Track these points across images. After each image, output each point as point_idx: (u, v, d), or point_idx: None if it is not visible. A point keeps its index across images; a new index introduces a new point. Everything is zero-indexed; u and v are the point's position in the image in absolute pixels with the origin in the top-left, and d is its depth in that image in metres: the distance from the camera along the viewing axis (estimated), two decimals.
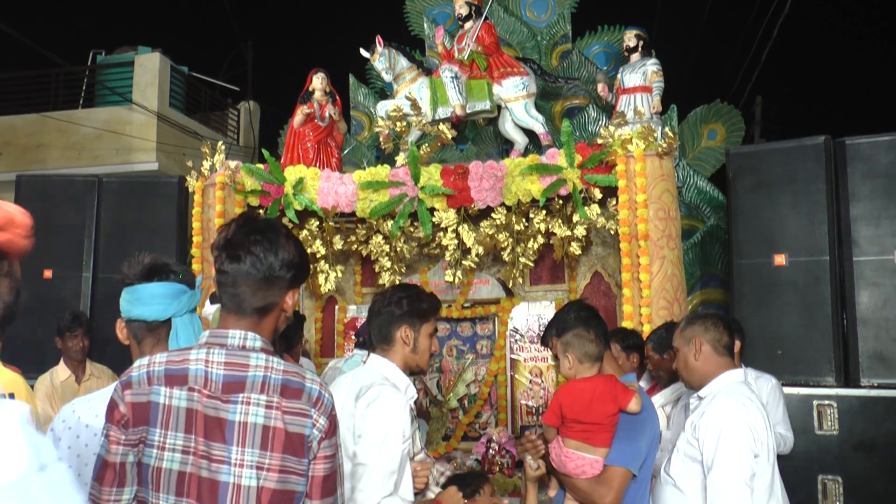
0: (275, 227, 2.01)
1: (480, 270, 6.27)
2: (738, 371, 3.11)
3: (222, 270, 1.96)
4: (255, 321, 1.98)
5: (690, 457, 2.95)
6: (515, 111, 6.42)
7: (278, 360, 1.95)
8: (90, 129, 10.45)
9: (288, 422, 1.87)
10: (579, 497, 2.94)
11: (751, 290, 5.05)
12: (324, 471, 1.91)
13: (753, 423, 2.87)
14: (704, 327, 3.12)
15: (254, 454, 1.84)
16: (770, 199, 5.10)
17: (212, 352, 1.92)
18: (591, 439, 2.91)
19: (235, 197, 5.79)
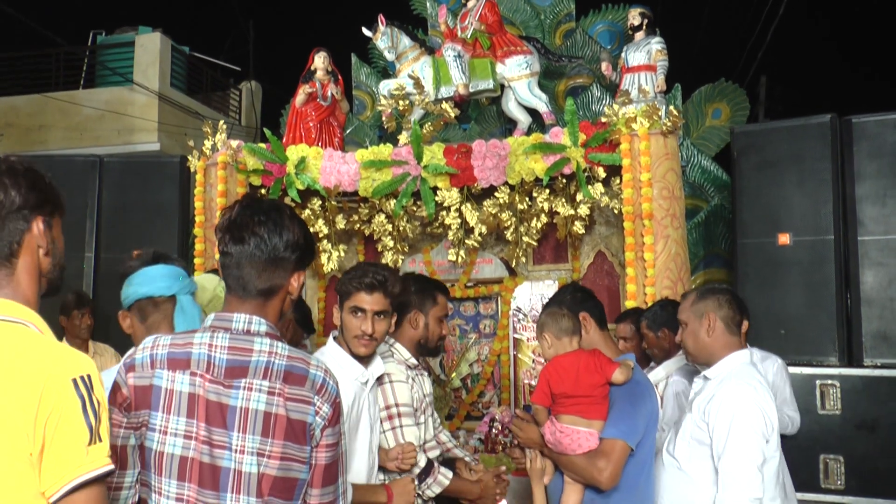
0: (279, 208, 1.99)
1: (483, 250, 6.26)
2: (745, 352, 3.05)
3: (226, 252, 1.95)
4: (260, 304, 1.96)
5: (698, 440, 2.91)
6: (519, 90, 6.38)
7: (283, 346, 1.92)
8: (91, 110, 10.43)
9: (290, 409, 1.85)
10: (577, 475, 2.92)
11: (755, 269, 5.04)
12: (326, 459, 1.90)
13: (765, 407, 2.83)
14: (718, 303, 3.04)
15: (255, 441, 1.83)
16: (775, 178, 5.07)
17: (216, 335, 1.90)
18: (583, 412, 2.90)
19: (237, 176, 5.77)
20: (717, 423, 2.83)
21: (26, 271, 1.64)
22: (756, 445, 2.77)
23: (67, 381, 1.49)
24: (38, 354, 1.52)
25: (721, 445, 2.80)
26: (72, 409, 1.48)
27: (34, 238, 1.66)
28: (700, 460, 2.89)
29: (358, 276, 2.87)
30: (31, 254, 1.65)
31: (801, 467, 4.52)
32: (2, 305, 1.58)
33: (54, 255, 1.72)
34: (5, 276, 1.61)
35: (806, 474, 4.67)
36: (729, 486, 2.74)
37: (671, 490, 2.98)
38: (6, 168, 1.63)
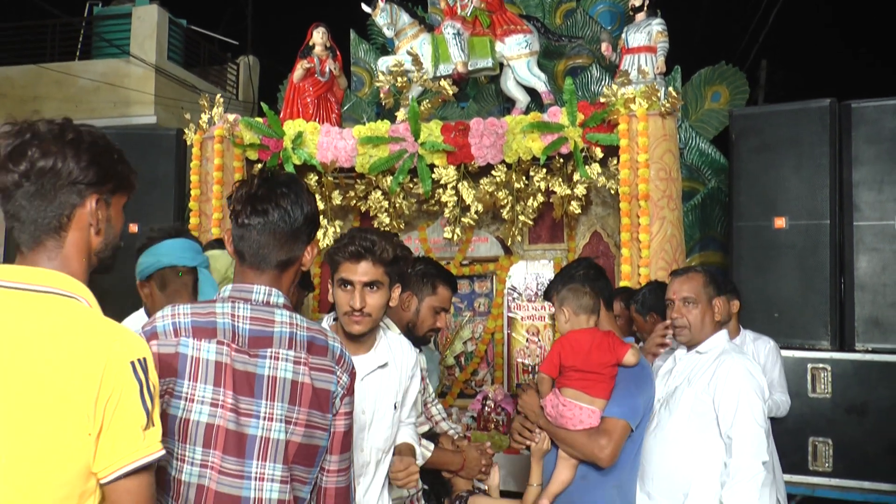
0: (297, 181, 2.05)
1: (479, 228, 6.26)
2: (724, 331, 3.19)
3: (246, 224, 1.95)
4: (276, 276, 1.98)
5: (699, 413, 2.96)
6: (518, 69, 6.35)
7: (301, 317, 1.97)
8: (87, 82, 10.36)
9: (315, 377, 1.91)
10: (576, 451, 2.94)
11: (750, 252, 5.04)
12: (344, 426, 1.99)
13: (761, 378, 2.99)
14: (719, 287, 3.19)
15: (283, 408, 1.87)
16: (772, 161, 5.07)
17: (237, 306, 1.92)
18: (588, 388, 2.92)
19: (234, 150, 5.76)
20: (726, 394, 2.92)
21: (75, 247, 1.60)
22: (762, 413, 2.89)
23: (127, 364, 1.49)
24: (97, 333, 1.50)
25: (731, 414, 2.88)
26: (131, 392, 1.48)
27: (86, 214, 1.60)
28: (701, 431, 2.96)
29: (343, 245, 2.56)
30: (82, 230, 1.61)
31: (789, 450, 4.56)
32: (53, 277, 1.55)
33: (107, 235, 1.68)
34: (54, 248, 1.58)
35: (795, 457, 4.72)
36: (742, 452, 2.83)
37: (668, 462, 3.01)
38: (72, 138, 1.58)
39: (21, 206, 1.55)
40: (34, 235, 1.57)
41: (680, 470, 2.98)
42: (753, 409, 2.88)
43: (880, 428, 4.73)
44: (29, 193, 1.54)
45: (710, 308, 3.11)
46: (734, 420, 2.87)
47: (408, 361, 2.80)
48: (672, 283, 3.22)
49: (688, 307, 3.11)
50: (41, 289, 1.53)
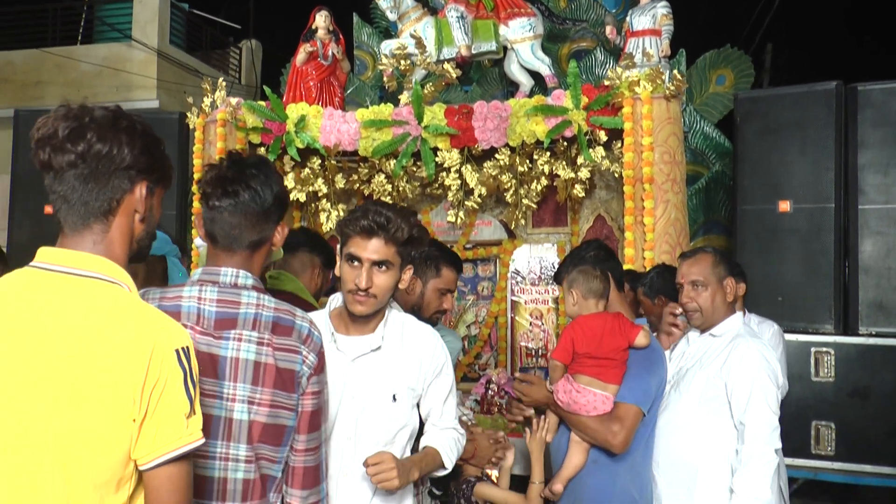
0: (266, 161, 2.10)
1: (483, 212, 6.25)
2: (739, 314, 3.12)
3: (217, 206, 1.98)
4: (248, 256, 2.02)
5: (710, 397, 2.93)
6: (522, 53, 6.31)
7: (269, 298, 2.00)
8: (89, 66, 10.33)
9: (279, 358, 1.93)
10: (589, 436, 2.93)
11: (754, 236, 5.04)
12: (311, 406, 1.99)
13: (775, 363, 2.94)
14: (732, 268, 3.11)
15: (245, 389, 1.90)
16: (777, 144, 5.05)
17: (204, 289, 1.96)
18: (602, 374, 2.91)
19: (237, 134, 5.74)
20: (740, 380, 2.87)
21: (120, 232, 1.63)
22: (776, 399, 2.86)
23: (172, 352, 1.51)
24: (143, 320, 1.53)
25: (744, 400, 2.84)
26: (176, 379, 1.51)
27: (134, 201, 1.64)
28: (712, 416, 2.92)
29: (355, 218, 2.37)
30: (128, 216, 1.64)
31: (792, 433, 4.54)
32: (99, 263, 1.57)
33: (149, 223, 1.72)
34: (100, 231, 1.60)
35: (798, 441, 4.72)
36: (755, 439, 2.80)
37: (677, 447, 2.99)
38: (126, 125, 1.61)
39: (73, 188, 1.57)
40: (83, 217, 1.58)
41: (689, 455, 2.95)
42: (767, 396, 2.83)
43: (883, 411, 4.73)
44: (83, 175, 1.57)
45: (720, 289, 3.04)
46: (747, 406, 2.83)
47: (427, 353, 2.51)
48: (681, 266, 3.15)
49: (697, 290, 3.04)
50: (87, 273, 1.55)
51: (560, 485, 2.93)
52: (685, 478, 2.95)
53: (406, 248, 2.42)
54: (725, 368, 2.92)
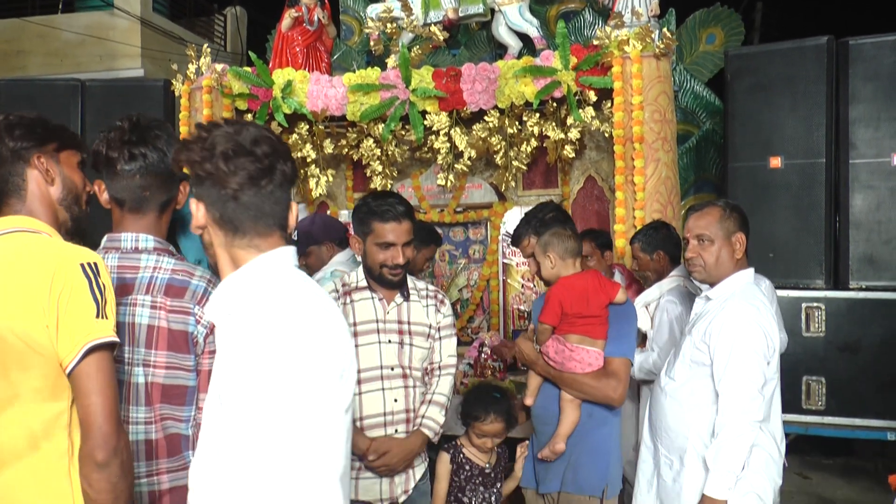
0: (164, 123, 2.17)
1: (473, 175, 6.22)
2: (749, 271, 2.97)
3: (125, 170, 2.03)
4: (156, 218, 2.08)
5: (698, 362, 2.87)
6: (509, 14, 6.25)
7: (168, 260, 2.05)
8: (72, 35, 10.20)
9: (171, 320, 1.99)
10: (587, 394, 2.94)
11: (744, 192, 5.03)
12: (210, 365, 1.99)
13: (767, 328, 2.77)
14: (743, 220, 2.94)
15: (140, 353, 1.97)
16: (768, 101, 5.03)
17: (107, 257, 2.02)
18: (591, 332, 2.94)
19: (223, 101, 5.67)
20: (719, 344, 2.78)
21: (37, 199, 1.95)
22: (757, 367, 2.72)
23: (76, 265, 1.74)
24: (50, 248, 1.80)
25: (722, 367, 2.75)
26: (80, 286, 1.72)
27: (35, 171, 1.95)
28: (699, 381, 2.87)
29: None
30: (38, 184, 1.95)
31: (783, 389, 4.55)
32: (18, 220, 1.90)
33: (64, 185, 2.00)
34: (18, 201, 1.93)
35: (789, 396, 4.74)
36: (729, 409, 2.70)
37: (670, 413, 2.97)
38: (3, 126, 1.93)
39: None
40: (6, 195, 1.94)
41: (680, 423, 2.92)
42: (747, 363, 2.71)
43: (873, 366, 4.77)
44: None
45: (727, 244, 2.90)
46: (724, 374, 2.74)
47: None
48: (688, 219, 3.03)
49: (703, 244, 2.92)
50: (9, 230, 1.86)
51: (562, 443, 2.95)
52: (677, 446, 2.93)
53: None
54: (708, 332, 2.84)
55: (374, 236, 2.87)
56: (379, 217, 2.86)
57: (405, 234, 2.88)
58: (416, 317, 3.03)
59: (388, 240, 2.86)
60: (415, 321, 3.03)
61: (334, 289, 2.99)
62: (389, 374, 2.94)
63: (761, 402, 2.73)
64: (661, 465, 3.02)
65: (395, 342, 2.97)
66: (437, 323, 3.08)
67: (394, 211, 2.85)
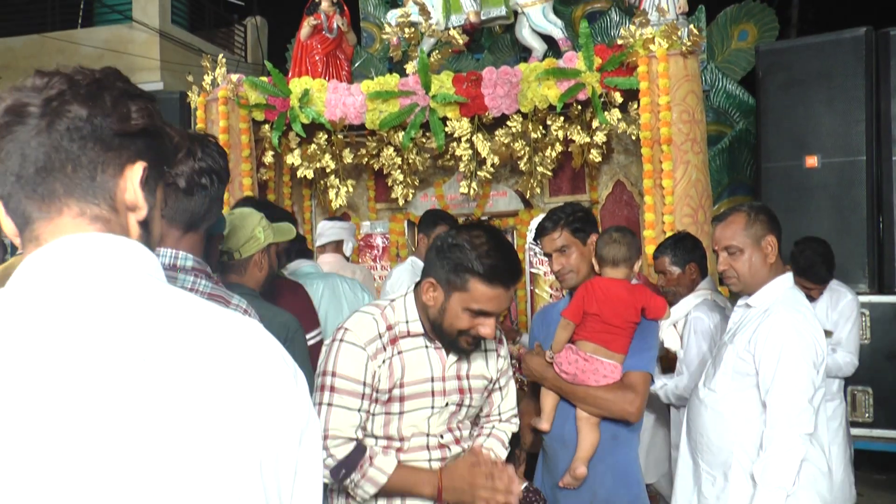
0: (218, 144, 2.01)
1: (497, 182, 6.06)
2: (788, 276, 2.78)
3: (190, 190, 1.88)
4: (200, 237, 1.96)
5: (742, 373, 2.69)
6: (533, 16, 6.10)
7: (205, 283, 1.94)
8: (91, 49, 10.22)
9: None
10: (601, 409, 2.72)
11: (780, 194, 4.82)
12: None
13: (815, 335, 2.61)
14: (772, 223, 2.75)
15: None
16: (802, 97, 4.82)
17: None
18: (609, 343, 2.73)
19: (239, 112, 5.58)
20: (765, 354, 2.61)
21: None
22: (806, 376, 2.55)
23: None
24: None
25: (769, 377, 2.59)
26: None
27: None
28: (744, 392, 2.69)
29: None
30: None
31: None
32: None
33: None
34: None
35: None
36: (778, 421, 2.54)
37: (712, 426, 2.79)
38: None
39: None
40: None
41: (723, 437, 2.74)
42: (795, 373, 2.55)
43: None
44: None
45: (757, 250, 2.72)
46: (771, 385, 2.57)
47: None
48: (714, 230, 2.87)
49: (733, 256, 2.75)
50: None
51: (583, 467, 2.73)
52: (720, 461, 2.75)
53: None
54: (753, 341, 2.67)
55: (468, 299, 2.04)
56: (484, 278, 2.02)
57: (506, 301, 2.09)
58: (476, 368, 2.27)
59: (487, 309, 2.05)
60: (475, 374, 2.26)
61: (376, 333, 2.13)
62: (438, 443, 2.20)
63: (811, 414, 2.56)
64: (703, 481, 2.84)
65: (453, 404, 2.21)
66: (497, 371, 2.34)
67: (505, 273, 2.04)
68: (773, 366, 2.58)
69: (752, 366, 2.66)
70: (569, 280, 2.89)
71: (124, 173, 1.01)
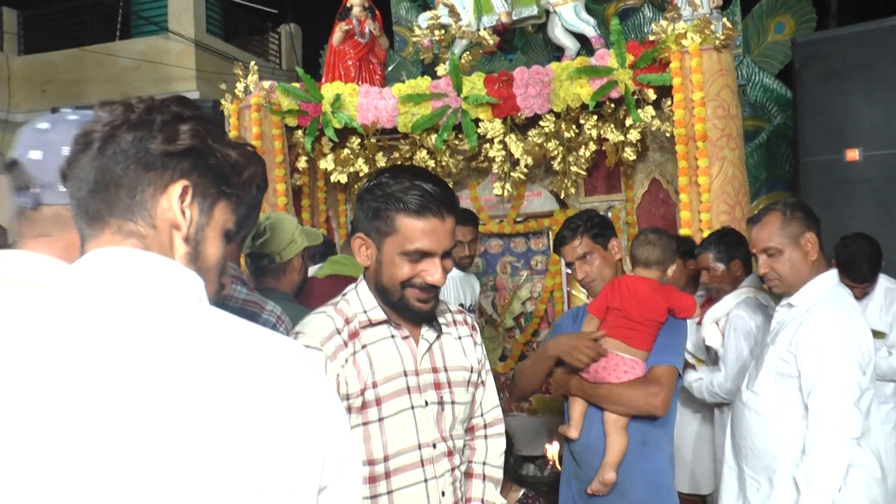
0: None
1: (532, 183, 6.01)
2: (832, 273, 2.70)
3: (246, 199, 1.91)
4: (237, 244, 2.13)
5: (784, 374, 2.62)
6: (564, 15, 6.04)
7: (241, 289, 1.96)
8: (128, 61, 10.38)
9: None
10: (626, 406, 2.67)
11: (819, 189, 4.70)
12: None
13: (862, 334, 2.52)
14: (811, 220, 2.68)
15: None
16: (841, 89, 4.69)
17: None
18: (629, 338, 2.71)
19: (272, 118, 5.62)
20: (806, 354, 2.54)
21: None
22: (851, 377, 2.47)
23: None
24: None
25: (811, 379, 2.51)
26: None
27: None
28: (787, 395, 2.62)
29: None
30: None
31: None
32: None
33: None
34: None
35: None
36: (821, 425, 2.46)
37: (755, 430, 2.72)
38: None
39: None
40: None
41: (768, 441, 2.68)
42: (839, 374, 2.46)
43: None
44: None
45: (797, 248, 2.65)
46: (814, 387, 2.49)
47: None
48: (750, 232, 2.81)
49: (772, 257, 2.69)
50: None
51: (612, 472, 2.68)
52: (764, 466, 2.68)
53: None
54: (794, 342, 2.59)
55: (400, 239, 1.81)
56: (409, 209, 1.79)
57: (448, 237, 1.84)
58: (452, 358, 2.02)
59: (423, 246, 1.81)
60: (452, 365, 2.01)
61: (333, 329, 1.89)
62: (432, 456, 1.92)
63: (858, 417, 2.47)
64: (748, 487, 2.77)
65: (433, 403, 1.95)
66: (478, 360, 2.10)
67: (434, 200, 1.80)
68: (815, 367, 2.51)
69: (795, 367, 2.59)
70: (595, 288, 2.87)
71: (167, 192, 1.05)
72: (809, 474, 2.45)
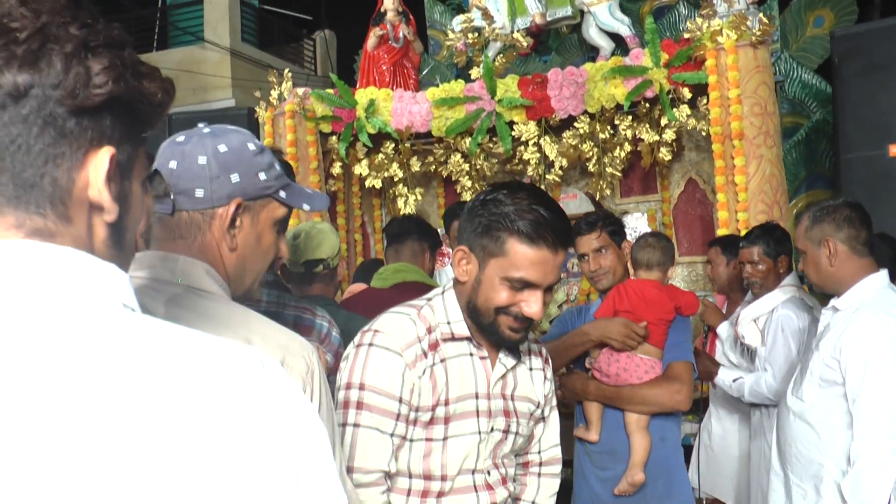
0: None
1: (567, 185, 5.99)
2: (881, 274, 2.62)
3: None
4: None
5: (829, 380, 2.57)
6: (599, 15, 6.00)
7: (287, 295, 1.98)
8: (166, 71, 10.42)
9: None
10: (650, 404, 2.69)
11: (861, 186, 4.59)
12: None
13: None
14: (836, 224, 2.63)
15: None
16: (883, 83, 4.58)
17: None
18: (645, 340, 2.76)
19: (306, 125, 5.66)
20: (851, 360, 2.48)
21: None
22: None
23: None
24: None
25: (856, 386, 2.45)
26: None
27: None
28: (832, 401, 2.56)
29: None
30: None
31: None
32: None
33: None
34: None
35: None
36: (866, 434, 2.41)
37: (801, 437, 2.68)
38: None
39: None
40: None
41: (812, 450, 2.62)
42: (885, 381, 2.40)
43: None
44: None
45: (820, 251, 2.63)
46: (859, 394, 2.44)
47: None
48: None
49: (802, 258, 2.73)
50: None
51: (640, 473, 2.69)
52: (811, 474, 2.63)
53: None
54: (838, 347, 2.53)
55: (506, 265, 1.67)
56: (525, 236, 1.65)
57: (555, 271, 1.71)
58: (522, 388, 1.90)
59: (529, 277, 1.66)
60: (520, 395, 1.89)
61: (415, 336, 1.74)
62: (485, 482, 1.81)
63: None
64: (794, 495, 2.72)
65: (499, 430, 1.82)
66: (545, 396, 1.97)
67: (549, 230, 1.65)
68: (860, 373, 2.45)
69: (839, 373, 2.53)
70: (604, 281, 2.89)
71: (84, 165, 0.72)
72: (855, 485, 2.40)
